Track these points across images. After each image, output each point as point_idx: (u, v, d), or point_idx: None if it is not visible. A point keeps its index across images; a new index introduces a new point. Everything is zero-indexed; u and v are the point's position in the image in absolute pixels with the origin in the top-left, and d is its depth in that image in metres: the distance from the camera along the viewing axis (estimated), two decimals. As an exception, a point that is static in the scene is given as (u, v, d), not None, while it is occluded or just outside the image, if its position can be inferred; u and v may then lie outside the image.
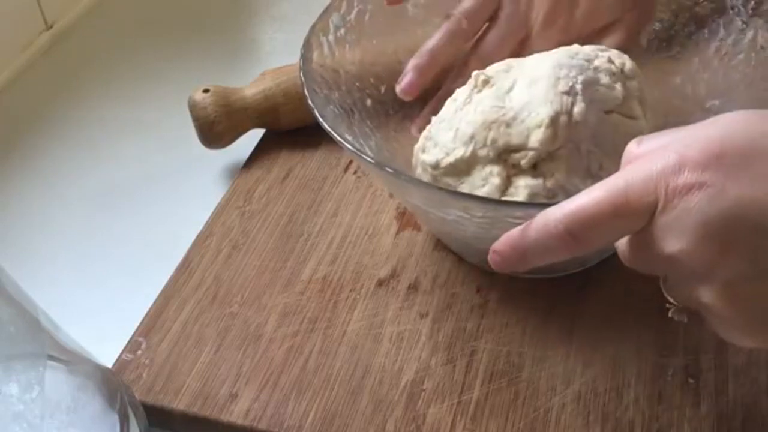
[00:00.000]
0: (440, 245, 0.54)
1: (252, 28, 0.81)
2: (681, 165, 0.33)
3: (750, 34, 0.52)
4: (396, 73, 0.56)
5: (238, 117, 0.62)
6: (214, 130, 0.61)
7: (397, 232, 0.56)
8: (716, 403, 0.45)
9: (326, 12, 0.53)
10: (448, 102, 0.51)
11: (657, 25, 0.57)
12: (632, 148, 0.36)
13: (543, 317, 0.50)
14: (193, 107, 0.61)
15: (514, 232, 0.38)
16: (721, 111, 0.51)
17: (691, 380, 0.46)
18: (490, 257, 0.39)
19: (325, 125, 0.46)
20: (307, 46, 0.51)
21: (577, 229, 0.35)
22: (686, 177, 0.33)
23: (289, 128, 0.63)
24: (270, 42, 0.78)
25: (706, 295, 0.34)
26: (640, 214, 0.34)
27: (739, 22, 0.53)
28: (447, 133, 0.49)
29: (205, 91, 0.61)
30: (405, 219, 0.56)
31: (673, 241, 0.33)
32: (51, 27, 0.78)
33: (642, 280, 0.50)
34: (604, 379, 0.46)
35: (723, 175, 0.32)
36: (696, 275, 0.34)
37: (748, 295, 0.33)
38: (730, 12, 0.53)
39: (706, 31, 0.55)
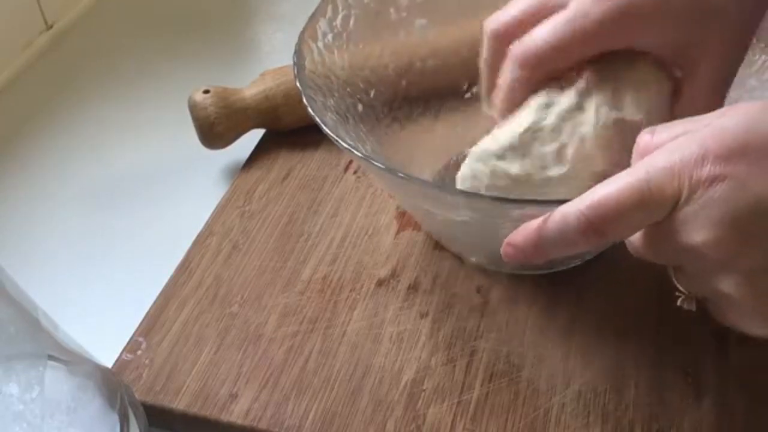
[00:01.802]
0: (440, 245, 0.54)
1: (252, 28, 0.81)
2: (704, 156, 0.33)
3: None
4: (383, 77, 0.56)
5: (238, 117, 0.62)
6: (214, 130, 0.61)
7: (397, 232, 0.56)
8: (716, 403, 0.45)
9: (313, 18, 0.53)
10: (532, 108, 0.43)
11: None
12: (645, 138, 0.36)
13: (543, 317, 0.50)
14: (193, 108, 0.61)
15: (533, 224, 0.37)
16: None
17: (691, 380, 0.46)
18: (503, 249, 0.39)
19: (331, 134, 0.46)
20: (299, 54, 0.50)
21: (598, 222, 0.35)
22: (709, 169, 0.33)
23: (289, 128, 0.63)
24: (270, 42, 0.78)
25: (726, 285, 0.34)
26: (662, 206, 0.34)
27: None
28: (548, 145, 0.42)
29: (206, 91, 0.61)
30: (405, 219, 0.56)
31: (695, 233, 0.33)
32: (51, 27, 0.78)
33: (642, 280, 0.50)
34: (604, 379, 0.46)
35: (746, 167, 0.32)
36: (717, 266, 0.34)
37: None
38: None
39: None
